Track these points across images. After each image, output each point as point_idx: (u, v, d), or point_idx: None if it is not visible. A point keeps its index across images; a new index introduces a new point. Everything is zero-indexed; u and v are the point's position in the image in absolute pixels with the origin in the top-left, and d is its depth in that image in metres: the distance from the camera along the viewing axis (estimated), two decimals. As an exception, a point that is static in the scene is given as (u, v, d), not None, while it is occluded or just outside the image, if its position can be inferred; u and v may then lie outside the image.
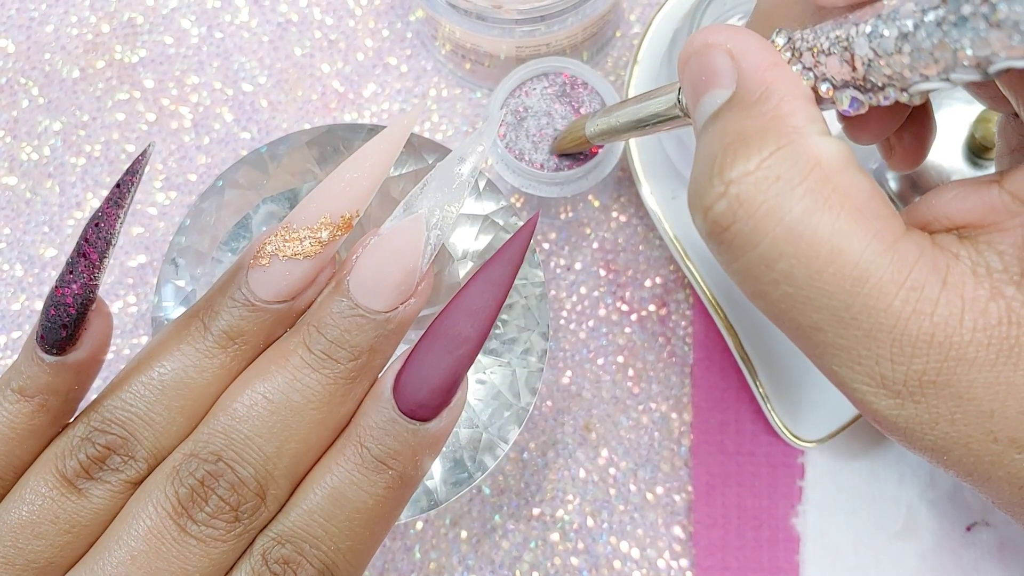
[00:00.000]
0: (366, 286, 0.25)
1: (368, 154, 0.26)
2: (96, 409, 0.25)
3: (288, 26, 0.50)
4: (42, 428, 0.25)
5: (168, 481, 0.24)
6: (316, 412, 0.25)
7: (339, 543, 0.24)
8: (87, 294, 0.24)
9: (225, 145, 0.48)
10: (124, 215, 0.23)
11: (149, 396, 0.24)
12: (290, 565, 0.24)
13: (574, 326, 0.47)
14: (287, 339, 0.26)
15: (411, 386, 0.25)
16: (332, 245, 0.25)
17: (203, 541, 0.24)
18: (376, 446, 0.25)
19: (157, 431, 0.25)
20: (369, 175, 0.26)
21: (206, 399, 0.25)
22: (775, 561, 0.44)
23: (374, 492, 0.25)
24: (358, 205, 0.25)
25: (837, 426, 0.43)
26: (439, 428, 0.26)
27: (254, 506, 0.24)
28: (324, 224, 0.25)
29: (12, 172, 0.49)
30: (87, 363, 0.25)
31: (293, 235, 0.25)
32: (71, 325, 0.24)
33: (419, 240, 0.25)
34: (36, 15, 0.50)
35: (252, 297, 0.25)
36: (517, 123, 0.43)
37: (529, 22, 0.42)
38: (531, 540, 0.45)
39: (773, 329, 0.44)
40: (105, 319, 0.25)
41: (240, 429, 0.24)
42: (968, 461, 0.22)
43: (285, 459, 0.24)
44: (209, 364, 0.25)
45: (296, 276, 0.25)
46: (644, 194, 0.44)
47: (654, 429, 0.46)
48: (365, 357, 0.25)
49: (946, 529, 0.44)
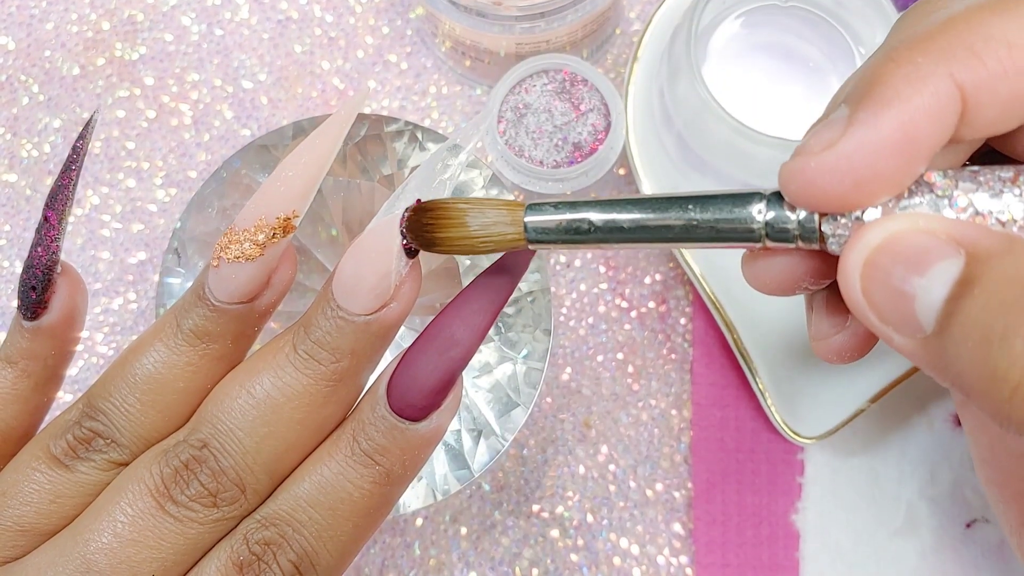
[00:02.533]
0: (344, 289, 0.25)
1: (303, 152, 0.25)
2: (87, 395, 0.26)
3: (288, 23, 0.50)
4: (24, 393, 0.27)
5: (155, 461, 0.25)
6: (295, 411, 0.25)
7: (321, 531, 0.25)
8: (50, 256, 0.26)
9: (225, 142, 0.48)
10: (77, 178, 0.26)
11: (124, 388, 0.26)
12: (270, 547, 0.25)
13: (574, 323, 0.47)
14: (280, 336, 0.26)
15: (402, 386, 0.25)
16: (273, 247, 0.25)
17: (180, 521, 0.25)
18: (366, 441, 0.25)
19: (132, 421, 0.26)
20: (304, 174, 0.25)
21: (176, 394, 0.26)
22: (775, 558, 0.44)
23: (360, 485, 0.25)
24: (294, 205, 0.25)
25: (837, 423, 0.43)
26: (429, 429, 0.26)
27: (233, 496, 0.25)
28: (260, 226, 0.25)
29: (12, 169, 0.49)
30: (60, 327, 0.27)
31: (235, 238, 0.25)
32: (39, 287, 0.26)
33: (391, 243, 0.25)
34: (36, 12, 0.50)
35: (212, 298, 0.26)
36: (517, 120, 0.43)
37: (529, 19, 0.42)
38: (531, 537, 0.45)
39: (772, 326, 0.44)
40: (72, 284, 0.27)
41: (225, 420, 0.25)
42: None
43: (264, 454, 0.25)
44: (177, 361, 0.26)
45: (242, 279, 0.25)
46: (644, 191, 0.44)
47: (654, 426, 0.46)
48: (347, 361, 0.25)
49: (946, 526, 0.44)
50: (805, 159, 0.22)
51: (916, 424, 0.45)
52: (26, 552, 0.25)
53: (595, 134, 0.43)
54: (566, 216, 0.24)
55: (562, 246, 0.24)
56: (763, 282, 0.25)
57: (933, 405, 0.45)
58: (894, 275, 0.21)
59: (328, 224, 0.39)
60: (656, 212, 0.23)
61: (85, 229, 0.48)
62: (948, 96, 0.21)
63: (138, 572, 0.24)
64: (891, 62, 0.21)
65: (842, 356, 0.25)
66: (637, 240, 0.24)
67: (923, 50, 0.21)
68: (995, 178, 0.22)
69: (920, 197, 0.22)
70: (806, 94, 0.43)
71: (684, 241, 0.24)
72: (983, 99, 0.21)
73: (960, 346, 0.20)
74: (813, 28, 0.43)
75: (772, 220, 0.23)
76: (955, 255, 0.20)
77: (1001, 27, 0.21)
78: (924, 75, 0.21)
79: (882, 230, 0.21)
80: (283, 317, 0.39)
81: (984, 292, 0.19)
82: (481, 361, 0.38)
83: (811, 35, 0.43)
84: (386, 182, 0.39)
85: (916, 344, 0.21)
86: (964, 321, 0.20)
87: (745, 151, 0.40)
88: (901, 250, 0.21)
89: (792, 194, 0.22)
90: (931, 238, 0.21)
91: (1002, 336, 0.19)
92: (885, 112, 0.21)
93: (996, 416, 0.19)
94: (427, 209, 0.25)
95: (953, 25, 0.21)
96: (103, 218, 0.48)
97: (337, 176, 0.39)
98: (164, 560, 0.24)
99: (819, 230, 0.22)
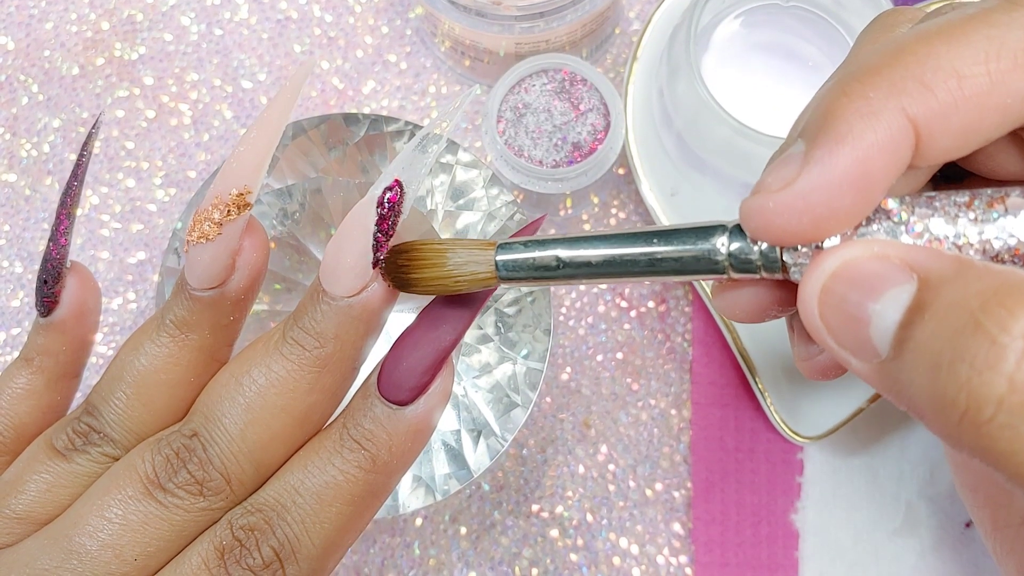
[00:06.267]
0: (327, 270, 0.25)
1: (254, 128, 0.26)
2: (89, 394, 0.27)
3: (287, 23, 0.50)
4: (37, 390, 0.28)
5: (148, 449, 0.26)
6: (278, 398, 0.25)
7: (305, 517, 0.25)
8: (60, 251, 0.27)
9: (225, 142, 0.48)
10: (82, 177, 0.27)
11: (115, 384, 0.26)
12: (253, 532, 0.25)
13: (573, 323, 0.47)
14: (274, 328, 0.27)
15: (390, 368, 0.26)
16: (230, 224, 0.25)
17: (166, 507, 0.25)
18: (354, 427, 0.26)
19: (121, 416, 0.26)
20: (255, 149, 0.26)
21: (161, 387, 0.26)
22: (774, 557, 0.44)
23: (344, 469, 0.25)
24: (246, 180, 0.25)
25: (836, 422, 0.43)
26: (416, 415, 0.26)
27: (218, 485, 0.25)
28: (215, 204, 0.25)
29: (12, 169, 0.49)
30: (71, 323, 0.28)
31: (197, 220, 0.26)
32: (49, 281, 0.27)
33: (368, 222, 0.25)
34: (36, 12, 0.50)
35: (188, 287, 0.26)
36: (516, 119, 0.43)
37: (528, 18, 0.42)
38: (530, 536, 0.45)
39: (772, 326, 0.44)
40: (82, 280, 0.28)
41: (213, 409, 0.26)
42: None
43: (248, 442, 0.25)
44: (159, 353, 0.26)
45: (205, 260, 0.26)
46: (643, 191, 0.44)
47: (653, 425, 0.46)
48: (331, 346, 0.26)
49: (945, 526, 0.44)
50: (764, 198, 0.22)
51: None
52: (21, 539, 0.26)
53: (595, 134, 0.43)
54: (535, 254, 0.25)
55: (533, 283, 0.25)
56: (733, 312, 0.25)
57: (933, 405, 0.45)
58: (849, 301, 0.21)
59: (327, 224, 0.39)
60: (621, 247, 0.24)
61: (85, 229, 0.48)
62: (901, 131, 0.21)
63: (121, 554, 0.25)
64: (844, 96, 0.22)
65: (826, 374, 0.26)
66: (605, 275, 0.24)
67: (874, 84, 0.21)
68: (950, 203, 0.22)
69: (878, 224, 0.22)
70: (806, 94, 0.43)
71: (651, 275, 0.24)
72: (936, 131, 0.21)
73: (912, 371, 0.20)
74: (813, 28, 0.43)
75: (735, 251, 0.23)
76: (908, 281, 0.20)
77: (950, 57, 0.21)
78: (876, 110, 0.21)
79: (837, 257, 0.21)
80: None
81: (934, 318, 0.19)
82: (481, 361, 0.38)
83: (811, 35, 0.43)
84: (386, 182, 0.39)
85: (873, 369, 0.21)
86: (915, 347, 0.20)
87: (745, 151, 0.40)
88: (855, 276, 0.21)
89: (752, 231, 0.22)
90: (885, 264, 0.21)
91: (949, 362, 0.19)
92: (839, 150, 0.21)
93: (948, 440, 0.19)
94: (402, 251, 0.25)
95: (904, 55, 0.21)
96: (103, 218, 0.48)
97: (337, 176, 0.39)
98: (147, 544, 0.25)
99: (781, 260, 0.23)
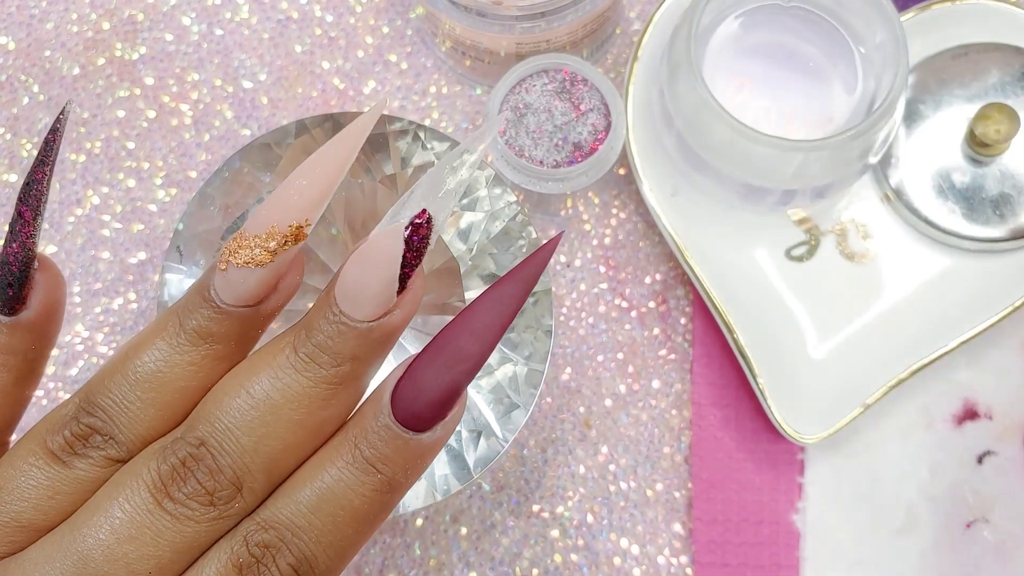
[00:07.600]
0: (347, 294, 0.25)
1: (319, 161, 0.25)
2: (84, 391, 0.26)
3: (288, 23, 0.50)
4: (6, 388, 0.27)
5: (153, 458, 0.25)
6: (294, 413, 0.25)
7: (321, 537, 0.25)
8: (26, 252, 0.25)
9: (225, 142, 0.48)
10: (50, 172, 0.25)
11: (125, 385, 0.26)
12: (270, 550, 0.25)
13: (574, 323, 0.47)
14: (280, 337, 0.26)
15: (408, 397, 0.25)
16: (284, 254, 0.25)
17: (177, 518, 0.24)
18: (368, 449, 0.25)
19: (132, 419, 0.26)
20: (319, 183, 0.25)
21: (177, 393, 0.26)
22: (775, 558, 0.44)
23: (361, 492, 0.25)
24: (307, 214, 0.25)
25: (837, 423, 0.43)
26: (432, 440, 0.26)
27: (230, 495, 0.25)
28: (272, 234, 0.25)
29: (12, 169, 0.49)
30: (40, 322, 0.27)
31: (245, 243, 0.25)
32: (16, 284, 0.26)
33: (396, 252, 0.24)
34: (36, 12, 0.50)
35: (217, 300, 0.26)
36: (517, 120, 0.43)
37: (529, 18, 0.42)
38: (531, 537, 0.45)
39: (772, 326, 0.44)
40: (51, 279, 0.27)
41: (223, 419, 0.25)
42: None
43: (262, 454, 0.25)
44: (180, 360, 0.26)
45: (251, 283, 0.25)
46: (644, 191, 0.44)
47: (653, 426, 0.46)
48: (348, 365, 0.25)
49: (946, 526, 0.44)
50: None
51: (916, 424, 0.45)
52: (23, 547, 0.25)
53: (595, 134, 0.43)
54: None
55: None
56: None
57: (933, 405, 0.45)
58: None
59: (329, 223, 0.39)
60: None
61: (85, 229, 0.48)
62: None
63: (135, 569, 0.24)
64: None
65: None
66: None
67: None
68: None
69: None
70: (806, 94, 0.43)
71: None
72: None
73: None
74: (813, 28, 0.43)
75: None
76: None
77: None
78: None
79: None
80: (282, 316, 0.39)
81: None
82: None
83: (811, 35, 0.43)
84: (388, 182, 0.39)
85: None
86: None
87: (745, 151, 0.40)
88: None
89: None
90: None
91: None
92: None
93: None
94: None
95: None
96: (103, 218, 0.48)
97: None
98: (161, 558, 0.24)
99: None
